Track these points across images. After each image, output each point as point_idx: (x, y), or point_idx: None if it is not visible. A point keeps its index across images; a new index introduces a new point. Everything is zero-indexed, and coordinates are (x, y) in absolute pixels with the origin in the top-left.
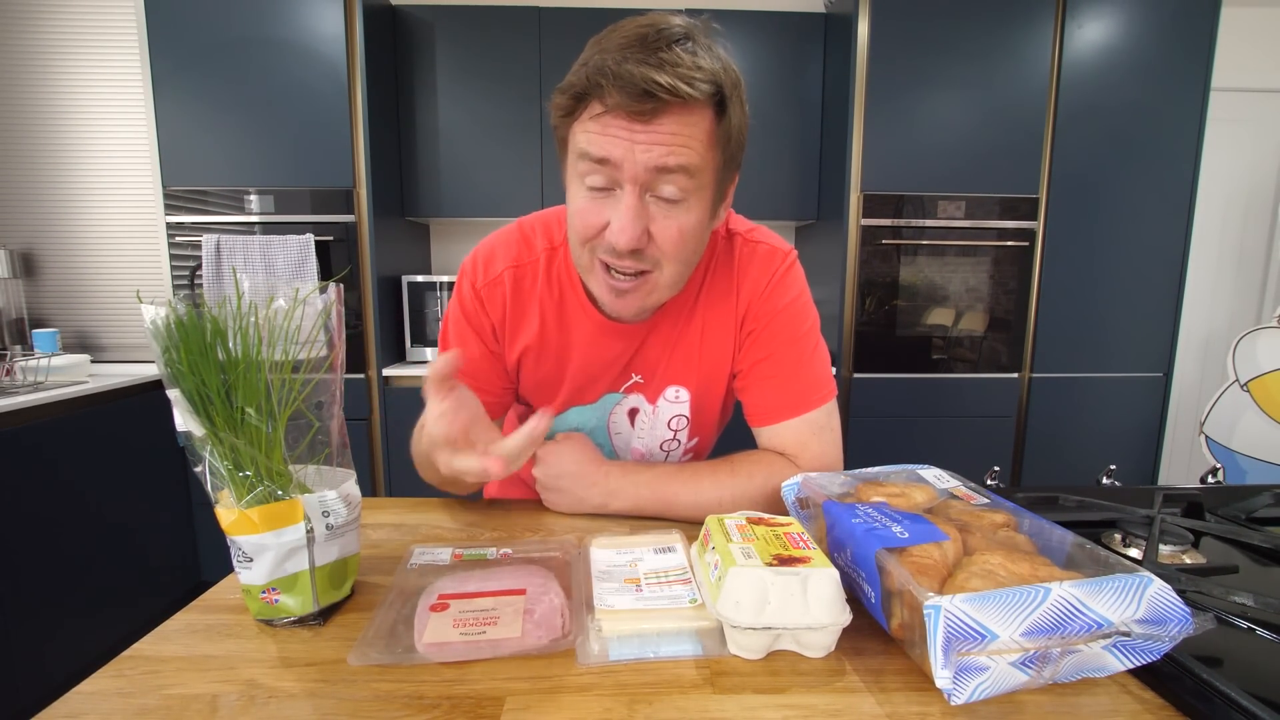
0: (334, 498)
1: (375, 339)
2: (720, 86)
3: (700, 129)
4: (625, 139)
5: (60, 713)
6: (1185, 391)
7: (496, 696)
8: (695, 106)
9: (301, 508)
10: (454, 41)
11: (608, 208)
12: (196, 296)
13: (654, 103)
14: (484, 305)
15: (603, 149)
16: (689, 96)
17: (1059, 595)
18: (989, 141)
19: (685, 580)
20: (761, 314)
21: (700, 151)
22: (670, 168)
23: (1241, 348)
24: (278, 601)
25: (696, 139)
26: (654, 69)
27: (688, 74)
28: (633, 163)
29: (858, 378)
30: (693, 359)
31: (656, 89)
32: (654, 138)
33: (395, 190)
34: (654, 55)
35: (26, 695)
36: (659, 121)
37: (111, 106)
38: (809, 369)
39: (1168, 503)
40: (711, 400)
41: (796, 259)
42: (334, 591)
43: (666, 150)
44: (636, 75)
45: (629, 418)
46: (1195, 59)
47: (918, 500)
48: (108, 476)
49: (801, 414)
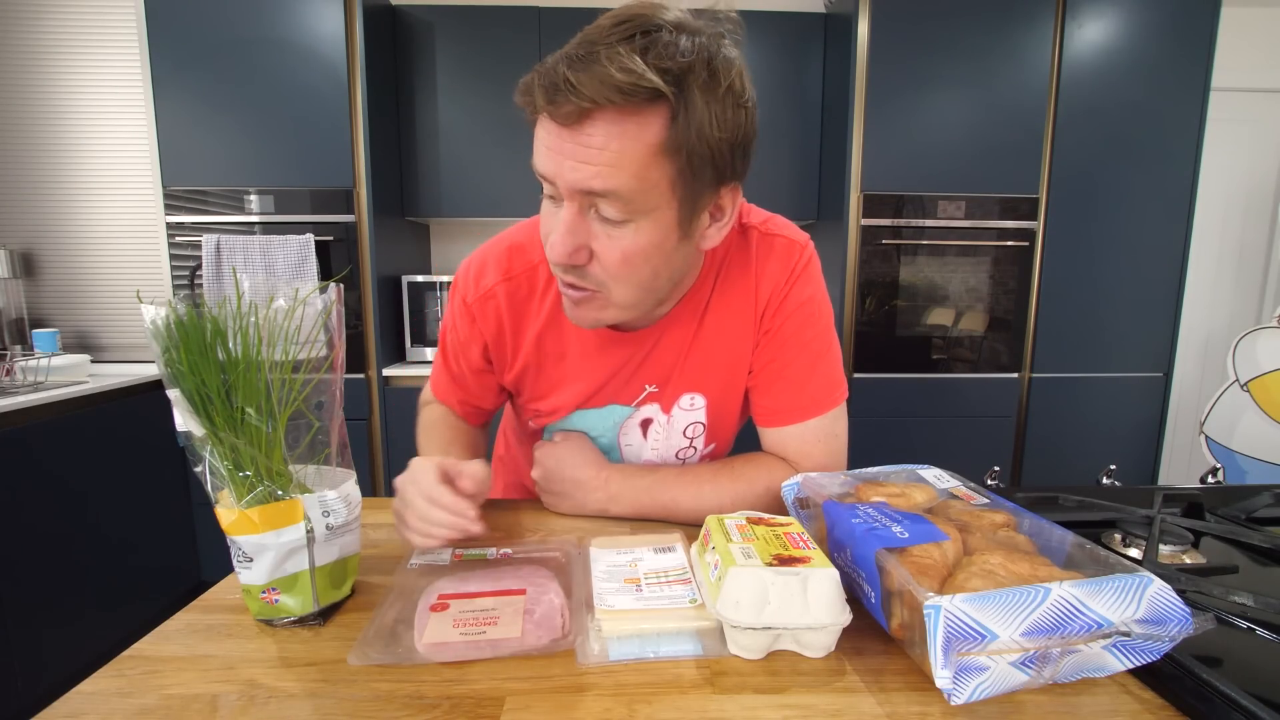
0: (334, 497)
1: (375, 339)
2: (664, 89)
3: (640, 140)
4: (556, 150)
5: (60, 713)
6: (1185, 391)
7: (496, 696)
8: (634, 112)
9: (301, 508)
10: (454, 41)
11: (557, 217)
12: (196, 296)
13: (571, 107)
14: (475, 321)
15: (540, 161)
16: (608, 102)
17: (1059, 595)
18: (989, 141)
19: (685, 580)
20: (780, 311)
21: (639, 166)
22: (597, 191)
23: (1241, 348)
24: (278, 601)
25: (632, 154)
26: (579, 69)
27: (612, 77)
28: (563, 179)
29: (858, 378)
30: (710, 363)
31: (577, 95)
32: (583, 153)
33: (395, 190)
34: (592, 52)
35: (26, 695)
36: (588, 130)
37: (111, 106)
38: (821, 372)
39: (1168, 503)
40: (730, 405)
41: (814, 250)
42: (334, 591)
43: (593, 171)
44: (558, 77)
45: (641, 429)
46: (1195, 59)
47: (918, 500)
48: (108, 476)
49: (809, 418)
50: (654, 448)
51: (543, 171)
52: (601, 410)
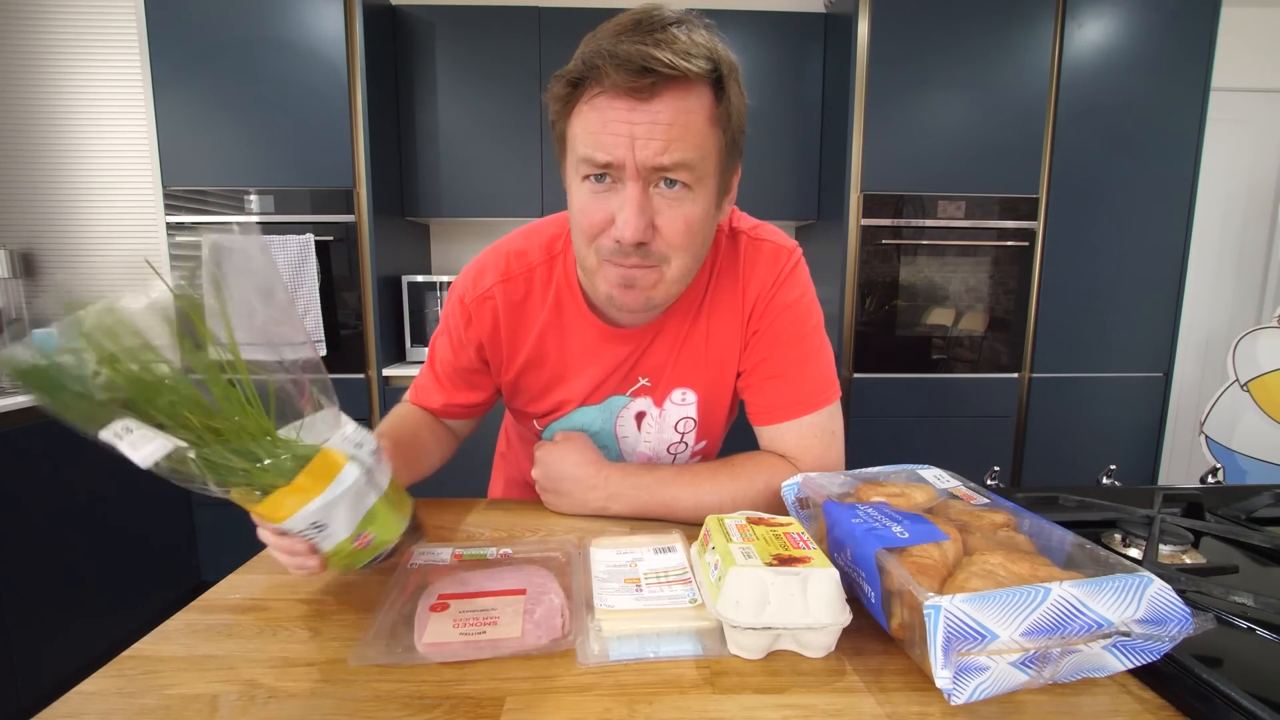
0: (353, 429)
1: (375, 339)
2: (717, 64)
3: (700, 111)
4: (625, 132)
5: (60, 713)
6: (1185, 391)
7: (496, 696)
8: (694, 86)
9: (336, 453)
10: (454, 41)
11: (611, 202)
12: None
13: (652, 78)
14: (470, 322)
15: (602, 146)
16: (687, 71)
17: (1059, 595)
18: (989, 141)
19: (685, 580)
20: (767, 312)
21: (700, 137)
22: (668, 165)
23: (1241, 348)
24: (372, 540)
25: (695, 124)
26: (651, 46)
27: (685, 49)
28: (633, 158)
29: (858, 378)
30: (700, 361)
31: (655, 63)
32: (653, 129)
33: (395, 190)
34: (650, 35)
35: (26, 695)
36: (658, 103)
37: (111, 106)
38: (813, 370)
39: (1168, 503)
40: (719, 402)
41: (801, 256)
42: (405, 505)
43: (664, 145)
44: (634, 53)
45: (636, 421)
46: (1195, 59)
47: (918, 500)
48: (108, 476)
49: (804, 415)
50: (647, 440)
51: (608, 156)
52: (600, 405)
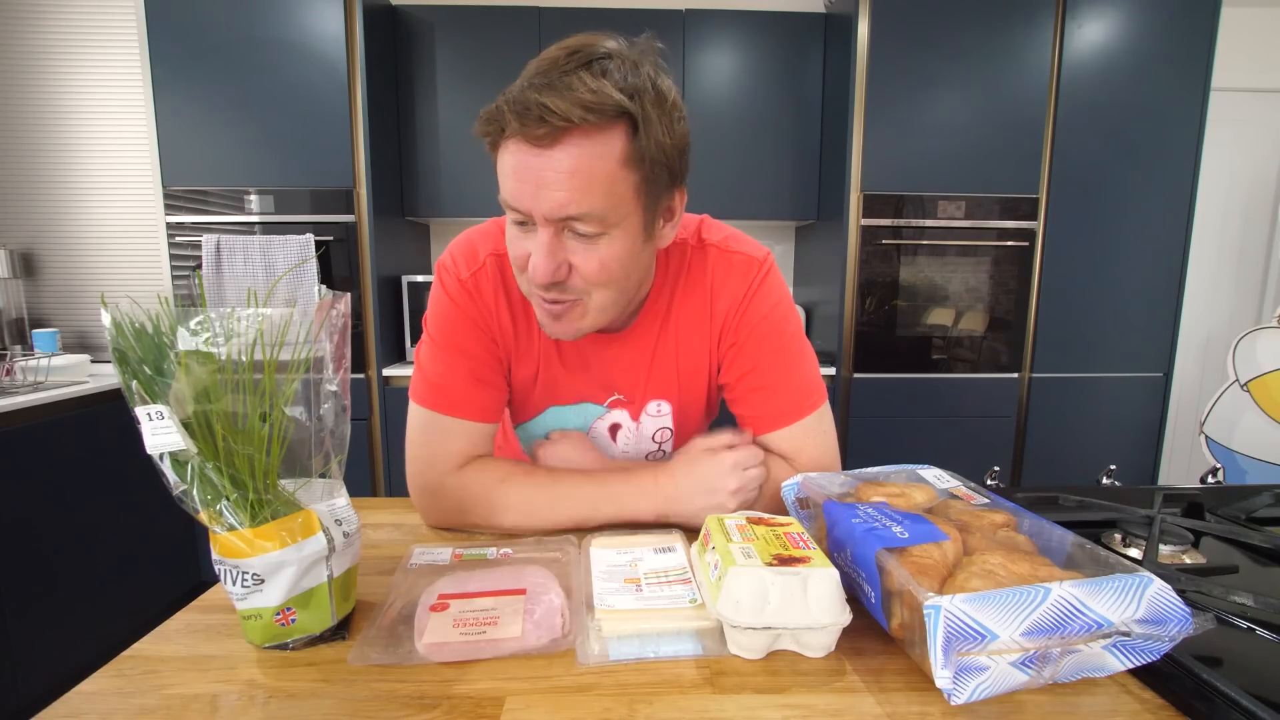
0: (344, 504)
1: (375, 339)
2: (629, 105)
3: (608, 156)
4: (531, 179)
5: (60, 713)
6: (1185, 391)
7: (496, 696)
8: (599, 130)
9: (316, 518)
10: (454, 41)
11: (529, 242)
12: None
13: (547, 128)
14: (476, 294)
15: (511, 194)
16: (583, 120)
17: (1059, 595)
18: (989, 141)
19: (685, 580)
20: (742, 326)
21: (609, 183)
22: (573, 215)
23: (1241, 348)
24: (294, 621)
25: (602, 170)
26: (550, 94)
27: (585, 97)
28: (539, 209)
29: (858, 378)
30: (671, 372)
31: (548, 114)
32: (557, 177)
33: (395, 190)
34: (558, 79)
35: (26, 695)
36: (559, 151)
37: (111, 106)
38: (797, 376)
39: (1168, 503)
40: (694, 410)
41: (773, 263)
42: (345, 603)
43: (567, 197)
44: (531, 102)
45: (610, 433)
46: (1195, 59)
47: (918, 500)
48: (108, 476)
49: (795, 421)
50: (624, 451)
51: (515, 205)
52: (574, 407)
